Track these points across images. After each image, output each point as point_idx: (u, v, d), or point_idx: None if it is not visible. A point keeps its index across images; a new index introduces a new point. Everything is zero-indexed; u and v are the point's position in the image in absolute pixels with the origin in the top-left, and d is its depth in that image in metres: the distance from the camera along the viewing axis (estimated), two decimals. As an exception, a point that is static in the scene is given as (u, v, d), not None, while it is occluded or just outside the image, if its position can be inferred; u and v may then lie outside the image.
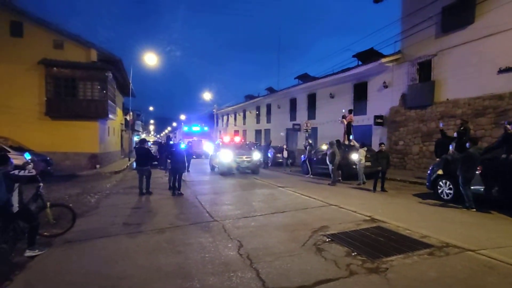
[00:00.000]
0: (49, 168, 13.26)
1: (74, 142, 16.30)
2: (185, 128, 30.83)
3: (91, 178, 13.56)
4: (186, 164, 12.24)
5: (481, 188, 6.81)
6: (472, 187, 6.81)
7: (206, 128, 33.67)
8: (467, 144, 7.02)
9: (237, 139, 17.72)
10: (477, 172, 6.79)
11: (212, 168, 15.94)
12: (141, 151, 9.41)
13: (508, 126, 6.87)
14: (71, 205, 6.18)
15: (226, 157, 13.92)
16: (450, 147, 8.18)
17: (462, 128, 9.08)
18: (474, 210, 6.59)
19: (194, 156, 21.14)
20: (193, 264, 3.89)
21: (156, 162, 16.96)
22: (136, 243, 4.79)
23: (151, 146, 18.97)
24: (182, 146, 10.66)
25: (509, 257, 3.89)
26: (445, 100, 12.95)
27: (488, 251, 4.14)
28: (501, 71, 10.87)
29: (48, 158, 13.61)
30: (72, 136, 16.24)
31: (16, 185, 4.23)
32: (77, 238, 5.00)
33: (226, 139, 16.93)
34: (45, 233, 5.01)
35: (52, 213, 5.16)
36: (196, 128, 30.85)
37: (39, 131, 15.59)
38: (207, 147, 24.83)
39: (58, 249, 4.54)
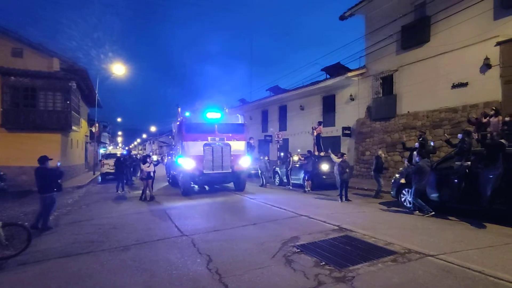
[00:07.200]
0: (2, 184, 12.31)
1: (33, 155, 15.05)
2: (187, 114, 12.35)
3: (52, 193, 12.72)
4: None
5: (438, 195, 7.25)
6: (433, 195, 7.25)
7: (240, 119, 13.02)
8: (417, 158, 7.52)
9: None
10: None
11: None
12: (42, 172, 6.85)
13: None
14: (26, 223, 5.77)
15: None
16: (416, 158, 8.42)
17: (421, 139, 9.68)
18: (433, 213, 7.00)
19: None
20: (160, 282, 3.75)
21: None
22: (100, 262, 4.54)
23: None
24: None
25: (464, 261, 4.14)
26: (406, 112, 13.76)
27: (446, 255, 4.38)
28: (454, 86, 11.80)
29: (1, 173, 12.64)
30: (31, 149, 15.11)
31: None
32: (32, 259, 4.65)
33: None
34: (-4, 256, 4.62)
35: (5, 233, 4.81)
36: (213, 115, 12.22)
37: (-8, 144, 14.51)
38: (245, 161, 12.27)
39: (10, 273, 4.20)
